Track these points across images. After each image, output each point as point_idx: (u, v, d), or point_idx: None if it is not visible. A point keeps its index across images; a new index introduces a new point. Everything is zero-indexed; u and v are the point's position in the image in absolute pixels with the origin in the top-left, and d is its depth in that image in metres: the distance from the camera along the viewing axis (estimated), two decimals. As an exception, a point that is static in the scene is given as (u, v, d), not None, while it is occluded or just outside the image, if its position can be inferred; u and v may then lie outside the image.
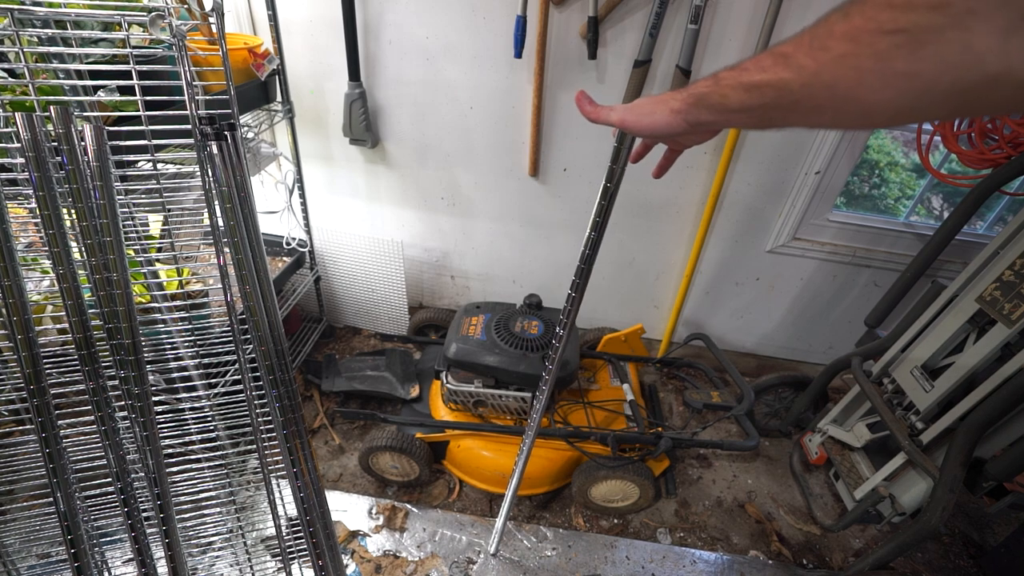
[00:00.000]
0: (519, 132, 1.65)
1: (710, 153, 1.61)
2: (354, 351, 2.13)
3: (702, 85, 0.47)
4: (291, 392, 0.91)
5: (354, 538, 1.44)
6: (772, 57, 0.39)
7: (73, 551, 0.85)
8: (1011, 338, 1.14)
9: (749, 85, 0.42)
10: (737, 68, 0.43)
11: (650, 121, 0.54)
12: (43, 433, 0.80)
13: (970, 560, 1.57)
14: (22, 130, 0.70)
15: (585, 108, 0.63)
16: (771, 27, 1.32)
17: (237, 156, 0.80)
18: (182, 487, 1.17)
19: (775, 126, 0.43)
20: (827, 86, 0.36)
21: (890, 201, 1.79)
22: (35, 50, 0.89)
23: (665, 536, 1.56)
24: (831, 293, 1.88)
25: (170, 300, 1.18)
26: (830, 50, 0.35)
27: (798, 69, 0.37)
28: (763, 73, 0.40)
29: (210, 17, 1.03)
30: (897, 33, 0.31)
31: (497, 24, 1.46)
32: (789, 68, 0.38)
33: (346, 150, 1.78)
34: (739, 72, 0.43)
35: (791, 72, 0.38)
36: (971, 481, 1.24)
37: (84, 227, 0.76)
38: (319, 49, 1.59)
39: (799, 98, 0.38)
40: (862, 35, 0.33)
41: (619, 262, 1.92)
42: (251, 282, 0.84)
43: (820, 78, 0.36)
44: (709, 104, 0.47)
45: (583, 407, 1.63)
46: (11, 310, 0.75)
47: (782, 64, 0.38)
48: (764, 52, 0.41)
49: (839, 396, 1.67)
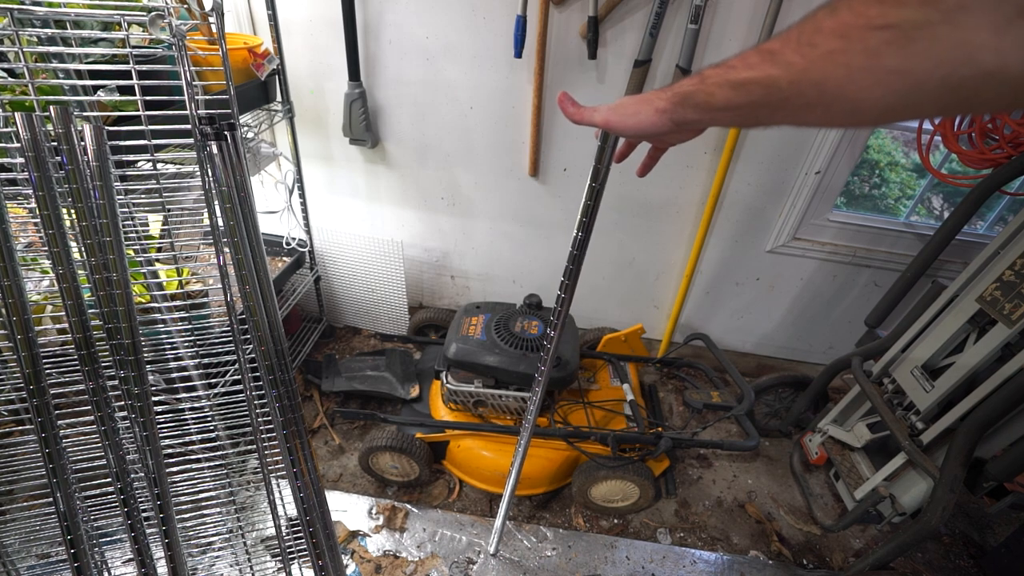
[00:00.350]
0: (519, 132, 1.65)
1: (710, 153, 1.61)
2: (354, 351, 2.12)
3: (687, 84, 0.47)
4: (291, 392, 0.91)
5: (354, 538, 1.44)
6: (759, 54, 0.39)
7: (73, 551, 0.85)
8: (1011, 338, 1.14)
9: (736, 83, 0.41)
10: (723, 66, 0.42)
11: (635, 122, 0.53)
12: (43, 433, 0.80)
13: (970, 560, 1.57)
14: (22, 130, 0.69)
15: (568, 109, 0.63)
16: (771, 27, 1.32)
17: (237, 156, 0.80)
18: (182, 487, 1.17)
19: (762, 124, 0.43)
20: (815, 83, 0.35)
21: (890, 201, 1.79)
22: (35, 50, 0.89)
23: (665, 536, 1.56)
24: (831, 293, 1.88)
25: (170, 300, 1.18)
26: (818, 46, 0.34)
27: (786, 66, 0.36)
28: (750, 71, 0.39)
29: (210, 17, 1.03)
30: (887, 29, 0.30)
31: (497, 24, 1.46)
32: (777, 65, 0.37)
33: (346, 150, 1.78)
34: (725, 70, 0.42)
35: (779, 69, 0.37)
36: (971, 481, 1.24)
37: (84, 227, 0.76)
38: (319, 49, 1.59)
39: (787, 95, 0.37)
40: (851, 31, 0.32)
41: (619, 262, 1.92)
42: (251, 282, 0.84)
43: (808, 75, 0.35)
44: (695, 103, 0.46)
45: (583, 407, 1.63)
46: (11, 310, 0.75)
47: (769, 61, 0.38)
48: (750, 49, 0.40)
49: (839, 396, 1.67)
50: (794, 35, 0.36)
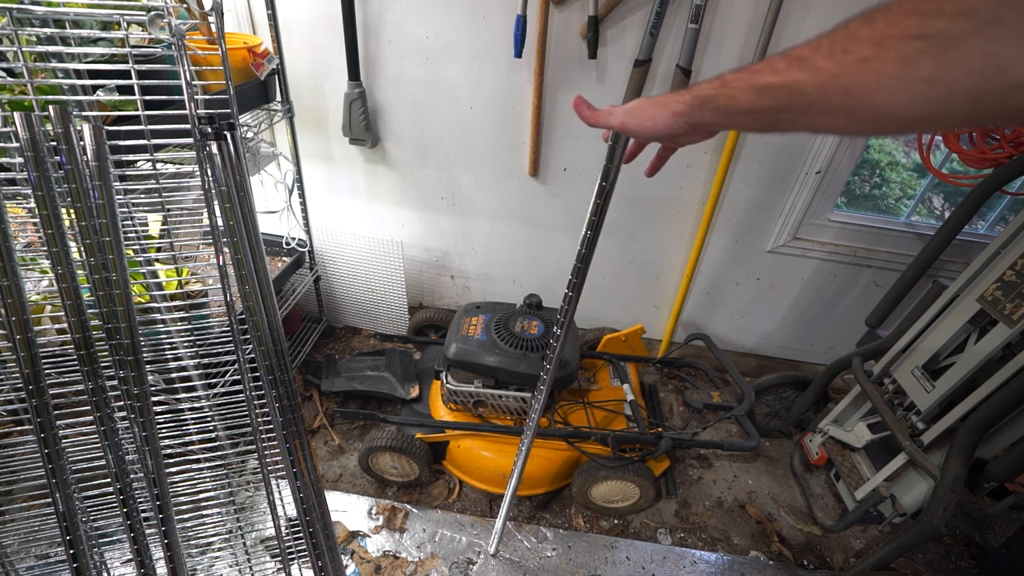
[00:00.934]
0: (519, 132, 1.65)
1: (710, 153, 1.61)
2: (354, 351, 2.12)
3: (707, 87, 0.47)
4: (291, 392, 0.90)
5: (354, 538, 1.44)
6: (786, 60, 0.39)
7: (72, 552, 0.85)
8: (1012, 338, 1.14)
9: (760, 87, 0.41)
10: (747, 70, 0.43)
11: (651, 125, 0.54)
12: (42, 433, 0.80)
13: (971, 561, 1.57)
14: (21, 130, 0.69)
15: (584, 113, 0.63)
16: (771, 27, 1.32)
17: (236, 156, 0.80)
18: (181, 487, 1.17)
19: (780, 130, 0.43)
20: (844, 89, 0.35)
21: (891, 201, 1.79)
22: (34, 49, 0.89)
23: (665, 536, 1.56)
24: (832, 293, 1.88)
25: (169, 300, 1.17)
26: (851, 53, 0.35)
27: (815, 71, 0.37)
28: (776, 75, 0.40)
29: (209, 16, 1.03)
30: (922, 39, 0.31)
31: (497, 24, 1.46)
32: (806, 70, 0.38)
33: (346, 150, 1.78)
34: (749, 74, 0.42)
35: (807, 74, 0.37)
36: (972, 481, 1.24)
37: (83, 227, 0.76)
38: (319, 49, 1.59)
39: (813, 101, 0.38)
40: (886, 40, 0.33)
41: (619, 262, 1.92)
42: (251, 282, 0.83)
43: (838, 81, 0.36)
44: (715, 106, 0.46)
45: (583, 407, 1.62)
46: (10, 310, 0.74)
47: (797, 66, 0.38)
48: (776, 55, 0.40)
49: (840, 396, 1.67)
50: (825, 42, 0.37)
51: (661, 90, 1.49)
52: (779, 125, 0.42)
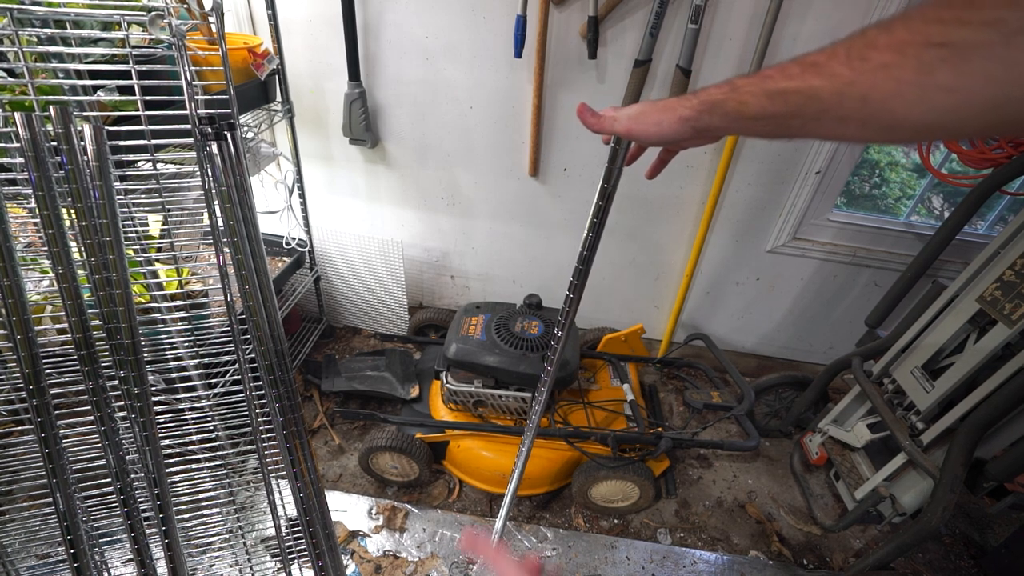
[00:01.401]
0: (519, 132, 1.65)
1: (710, 153, 1.61)
2: (354, 351, 2.12)
3: (715, 92, 0.47)
4: (291, 392, 0.91)
5: (354, 538, 1.44)
6: (800, 66, 0.39)
7: (72, 551, 0.85)
8: (1012, 338, 1.14)
9: (773, 92, 0.41)
10: (758, 76, 0.43)
11: (656, 130, 0.53)
12: (42, 433, 0.80)
13: (971, 560, 1.57)
14: (21, 130, 0.69)
15: (588, 120, 0.62)
16: (771, 27, 1.32)
17: (237, 156, 0.80)
18: (182, 487, 1.17)
19: (788, 136, 0.43)
20: (860, 96, 0.35)
21: (891, 201, 1.79)
22: (34, 50, 0.89)
23: (665, 536, 1.56)
24: (831, 293, 1.88)
25: (170, 300, 1.17)
26: (870, 60, 0.34)
27: (831, 77, 0.37)
28: (789, 80, 0.39)
29: (210, 17, 1.03)
30: (944, 47, 0.31)
31: (497, 24, 1.46)
32: (821, 76, 0.37)
33: (346, 150, 1.78)
34: (761, 79, 0.42)
35: (823, 80, 0.37)
36: (972, 481, 1.24)
37: (83, 227, 0.76)
38: (319, 49, 1.59)
39: (827, 107, 0.38)
40: (907, 48, 0.32)
41: (619, 262, 1.92)
42: (251, 282, 0.84)
43: (854, 87, 0.35)
44: (724, 111, 0.46)
45: (583, 407, 1.63)
46: (10, 310, 0.75)
47: (812, 72, 0.38)
48: (789, 61, 0.40)
49: (839, 396, 1.67)
50: (842, 49, 0.36)
51: (661, 90, 1.49)
52: (788, 131, 0.42)
